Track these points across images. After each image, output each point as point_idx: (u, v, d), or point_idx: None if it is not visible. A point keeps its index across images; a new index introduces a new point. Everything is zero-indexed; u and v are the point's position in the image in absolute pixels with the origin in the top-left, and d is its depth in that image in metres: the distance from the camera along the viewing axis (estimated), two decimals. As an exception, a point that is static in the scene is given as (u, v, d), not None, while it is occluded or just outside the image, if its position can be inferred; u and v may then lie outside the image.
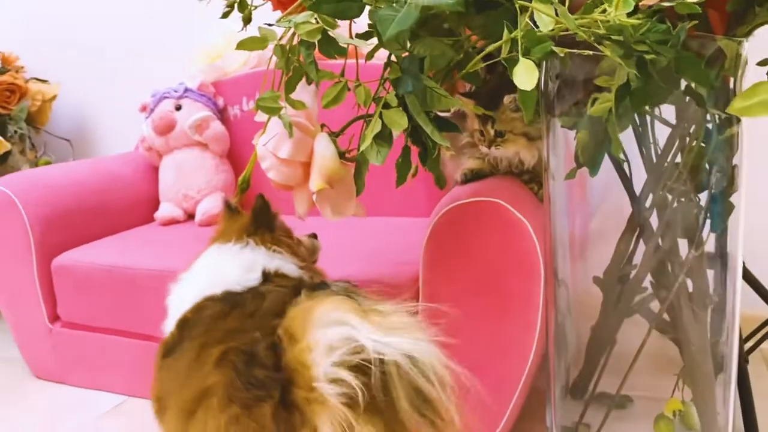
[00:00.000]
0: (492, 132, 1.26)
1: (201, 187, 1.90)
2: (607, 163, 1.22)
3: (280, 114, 1.04)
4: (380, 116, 1.02)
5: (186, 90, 1.96)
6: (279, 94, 1.06)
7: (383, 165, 1.14)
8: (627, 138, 1.15)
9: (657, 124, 1.20)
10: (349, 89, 1.05)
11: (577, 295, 1.36)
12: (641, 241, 1.26)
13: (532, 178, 1.29)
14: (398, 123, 1.00)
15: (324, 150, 1.08)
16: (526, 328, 1.20)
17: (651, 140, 1.20)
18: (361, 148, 1.03)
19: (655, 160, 1.21)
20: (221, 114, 2.01)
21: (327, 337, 0.80)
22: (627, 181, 1.25)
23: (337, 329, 0.82)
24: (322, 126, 1.14)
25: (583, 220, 1.34)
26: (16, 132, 2.19)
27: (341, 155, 1.12)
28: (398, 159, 1.07)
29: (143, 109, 2.02)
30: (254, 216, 1.12)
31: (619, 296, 1.31)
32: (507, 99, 1.22)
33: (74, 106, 2.45)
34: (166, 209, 1.92)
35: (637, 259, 1.28)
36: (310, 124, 1.12)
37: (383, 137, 1.04)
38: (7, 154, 2.11)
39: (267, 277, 1.05)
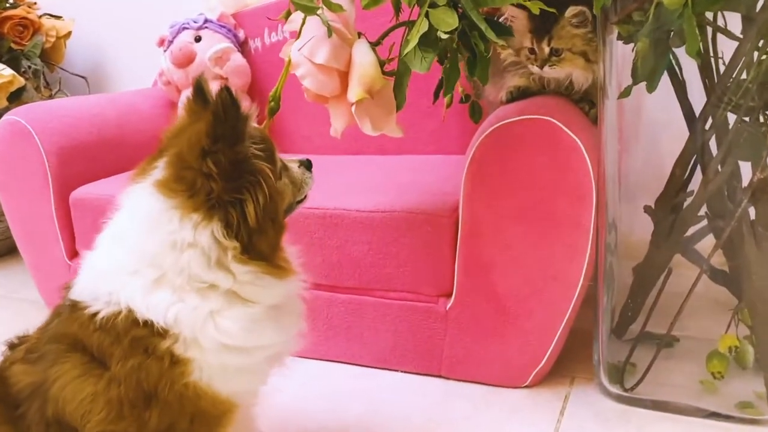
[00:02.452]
0: (547, 50, 1.16)
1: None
2: (663, 83, 1.13)
3: (318, 13, 0.95)
4: (426, 15, 0.93)
5: (206, 21, 1.87)
6: (316, -6, 0.97)
7: (411, 101, 1.05)
8: (684, 57, 1.06)
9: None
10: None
11: (626, 231, 1.29)
12: (699, 166, 1.18)
13: (583, 98, 1.20)
14: (446, 22, 0.92)
15: (363, 57, 0.99)
16: (574, 257, 1.13)
17: (713, 55, 1.11)
18: (404, 52, 0.94)
19: (716, 80, 1.12)
20: (242, 47, 1.92)
21: None
22: (685, 100, 1.16)
23: None
24: (360, 34, 1.05)
25: (635, 143, 1.25)
26: (30, 68, 2.11)
27: (381, 65, 1.04)
28: (445, 64, 0.99)
29: (161, 42, 1.93)
30: (214, 121, 0.74)
31: (672, 225, 1.24)
32: (571, 11, 1.11)
33: (89, 43, 2.37)
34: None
35: (693, 186, 1.21)
36: (347, 30, 1.03)
37: (428, 42, 0.96)
38: (22, 90, 2.03)
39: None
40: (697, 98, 1.15)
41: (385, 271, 1.29)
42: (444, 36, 0.91)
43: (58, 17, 2.29)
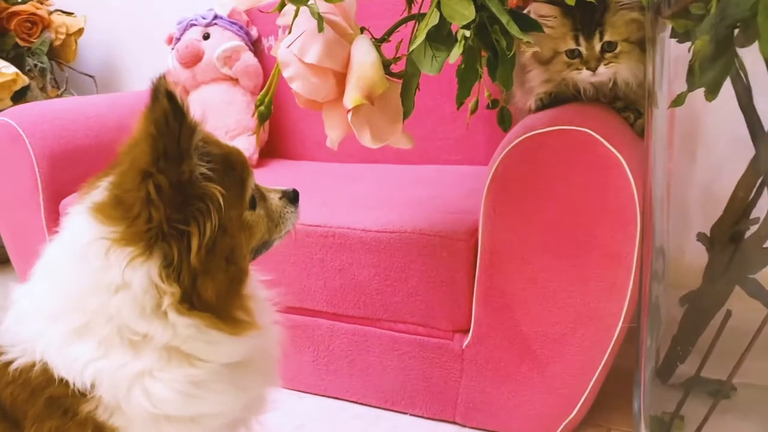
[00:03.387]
0: (598, 47, 0.98)
1: (230, 126, 1.69)
2: (725, 90, 0.95)
3: (309, 4, 0.80)
4: (438, 6, 0.77)
5: (215, 17, 1.73)
6: (308, -19, 0.82)
7: (435, 104, 0.89)
8: (752, 58, 0.89)
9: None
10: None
11: (671, 256, 1.11)
12: (766, 188, 1.00)
13: (627, 106, 1.02)
14: (461, 14, 0.75)
15: (363, 56, 0.84)
16: (613, 294, 0.96)
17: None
18: (411, 48, 0.79)
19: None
20: (254, 46, 1.78)
21: None
22: (751, 111, 0.98)
23: None
24: (362, 29, 0.90)
25: (689, 160, 1.07)
26: (36, 66, 2.01)
27: (386, 66, 0.88)
28: (460, 65, 0.82)
29: (170, 40, 1.81)
30: (156, 134, 0.60)
31: (730, 259, 1.06)
32: None
33: (101, 41, 2.26)
34: (191, 151, 1.72)
35: (758, 212, 1.02)
36: (347, 24, 0.88)
37: (440, 38, 0.80)
38: (26, 89, 1.93)
39: None
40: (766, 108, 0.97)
41: (393, 299, 1.13)
42: (466, 32, 0.75)
43: (69, 14, 2.19)
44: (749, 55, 0.86)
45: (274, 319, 0.79)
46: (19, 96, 1.93)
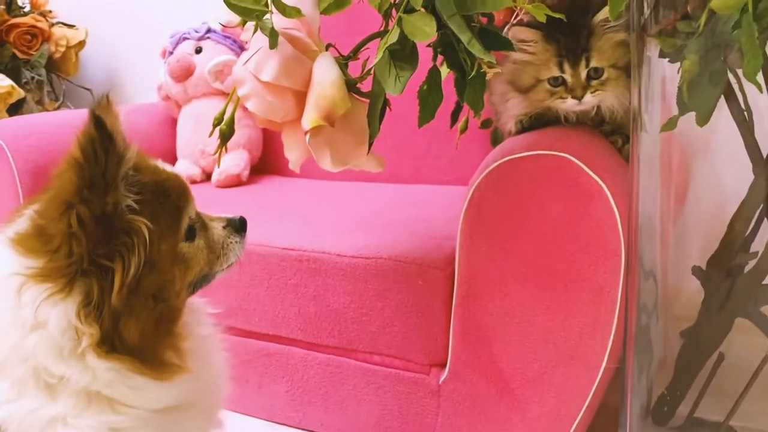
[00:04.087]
0: (584, 73, 0.92)
1: (217, 143, 1.64)
2: (719, 112, 0.89)
3: (261, 19, 0.75)
4: (400, 23, 0.72)
5: (208, 30, 1.70)
6: (264, -7, 0.77)
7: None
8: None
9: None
10: (359, -12, 0.76)
11: (668, 289, 1.04)
12: (766, 220, 0.93)
13: (615, 129, 0.96)
14: (422, 31, 0.70)
15: (324, 74, 0.78)
16: (596, 331, 0.89)
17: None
18: (372, 66, 0.74)
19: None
20: (246, 61, 1.75)
21: None
22: (749, 136, 0.91)
23: None
24: (328, 46, 0.85)
25: (681, 188, 1.00)
26: (33, 78, 1.99)
27: (352, 85, 0.83)
28: (422, 86, 0.77)
29: (163, 53, 1.78)
30: (82, 161, 0.57)
31: (727, 294, 0.98)
32: (606, 12, 0.87)
33: (101, 54, 2.25)
34: (182, 167, 1.68)
35: (757, 245, 0.95)
36: (311, 40, 0.83)
37: (404, 55, 0.74)
38: (22, 102, 1.92)
39: None
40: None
41: (369, 329, 1.07)
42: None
43: (71, 26, 2.18)
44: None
45: (220, 358, 0.74)
46: (15, 109, 1.92)
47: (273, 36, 0.75)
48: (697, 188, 1.01)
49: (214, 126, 0.88)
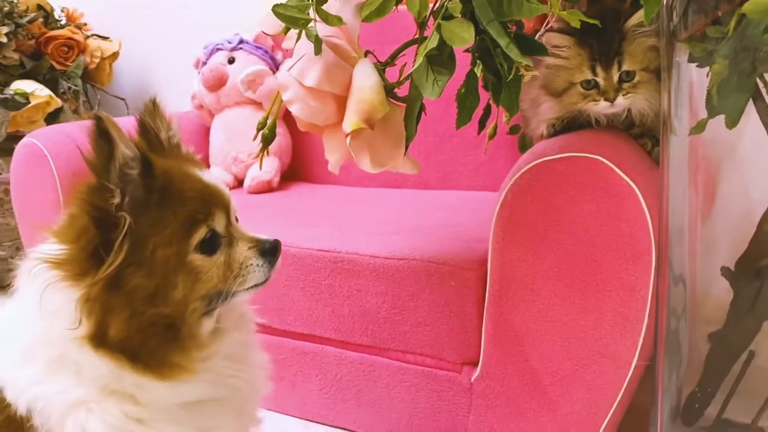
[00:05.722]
0: (616, 77, 0.94)
1: (252, 150, 1.69)
2: (747, 116, 0.91)
3: (306, 27, 0.79)
4: (438, 29, 0.75)
5: (241, 41, 1.75)
6: (308, 3, 0.81)
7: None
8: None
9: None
10: (399, -3, 0.80)
11: (697, 293, 1.05)
12: (795, 221, 0.94)
13: (644, 132, 0.98)
14: (461, 37, 0.73)
15: (364, 80, 0.82)
16: (627, 329, 0.91)
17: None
18: (411, 72, 0.77)
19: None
20: (279, 70, 1.79)
21: None
22: (779, 139, 0.92)
23: None
24: (367, 53, 0.88)
25: (710, 191, 1.02)
26: (69, 89, 2.06)
27: (389, 90, 0.86)
28: (460, 89, 0.80)
29: (197, 64, 1.83)
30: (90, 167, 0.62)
31: (757, 295, 0.99)
32: (639, 16, 0.89)
33: (134, 64, 2.32)
34: (214, 174, 1.72)
35: (787, 246, 0.96)
36: (350, 48, 0.86)
37: (441, 61, 0.78)
38: (59, 111, 1.98)
39: None
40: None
41: (401, 328, 1.10)
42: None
43: (105, 38, 2.24)
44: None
45: (259, 359, 0.77)
46: (53, 118, 1.98)
47: (317, 43, 0.78)
48: (726, 191, 1.03)
49: (258, 130, 0.91)
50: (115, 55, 2.24)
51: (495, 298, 0.98)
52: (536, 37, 0.96)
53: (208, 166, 1.79)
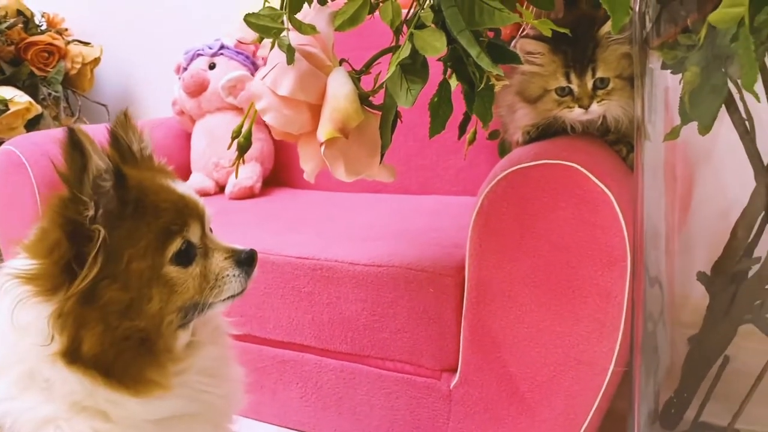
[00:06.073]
0: (590, 83, 0.95)
1: (234, 155, 1.68)
2: (721, 121, 0.91)
3: (279, 36, 0.79)
4: (411, 39, 0.75)
5: (222, 47, 1.75)
6: (281, 12, 0.81)
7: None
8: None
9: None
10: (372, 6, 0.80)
11: (674, 296, 1.06)
12: (768, 226, 0.95)
13: (619, 139, 0.98)
14: (433, 46, 0.74)
15: (338, 88, 0.82)
16: (603, 336, 0.91)
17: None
18: (385, 80, 0.77)
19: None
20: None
21: None
22: (750, 144, 0.93)
23: None
24: (342, 61, 0.88)
25: (685, 196, 1.03)
26: (50, 95, 2.04)
27: (364, 98, 0.86)
28: (433, 97, 0.80)
29: (177, 69, 1.83)
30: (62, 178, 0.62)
31: (732, 299, 1.00)
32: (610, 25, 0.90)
33: (116, 70, 2.30)
34: (195, 180, 1.72)
35: (761, 250, 0.97)
36: (325, 56, 0.86)
37: (415, 69, 0.78)
38: (39, 117, 1.97)
39: None
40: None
41: (380, 335, 1.10)
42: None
43: (86, 44, 2.23)
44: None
45: (234, 373, 0.77)
46: (33, 124, 1.97)
47: (290, 52, 0.78)
48: (701, 196, 1.04)
49: (233, 139, 0.91)
50: (96, 61, 2.22)
51: (473, 304, 0.98)
52: (512, 43, 0.97)
53: (190, 172, 1.78)
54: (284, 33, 0.80)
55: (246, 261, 0.73)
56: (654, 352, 1.01)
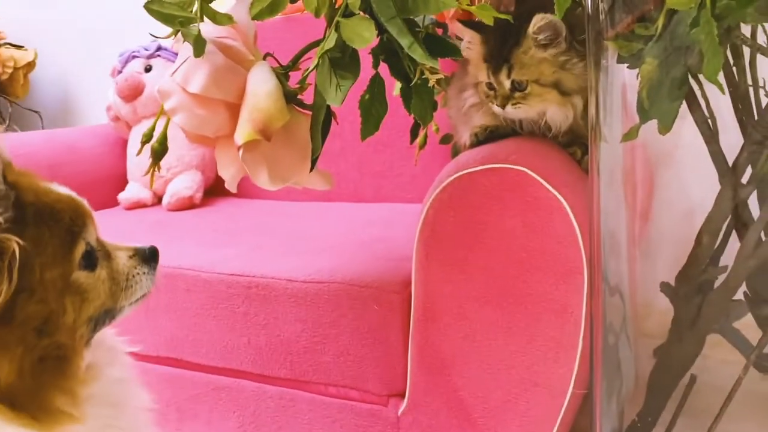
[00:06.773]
0: (507, 84, 0.88)
1: (171, 164, 1.58)
2: (683, 120, 0.85)
3: (186, 26, 0.69)
4: (337, 28, 0.67)
5: (158, 48, 1.64)
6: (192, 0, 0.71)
7: (390, 139, 0.79)
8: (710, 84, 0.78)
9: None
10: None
11: (637, 306, 0.99)
12: (734, 232, 0.88)
13: (573, 140, 0.91)
14: (361, 36, 0.65)
15: (259, 85, 0.73)
16: (560, 355, 0.83)
17: (751, 83, 0.82)
18: (307, 73, 0.68)
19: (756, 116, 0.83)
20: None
21: None
22: (714, 144, 0.87)
23: None
24: (266, 56, 0.79)
25: (646, 200, 0.96)
26: (-24, 101, 1.91)
27: (292, 97, 0.77)
28: (363, 95, 0.71)
29: (113, 73, 1.71)
30: None
31: (698, 310, 0.94)
32: (535, 23, 0.83)
33: (53, 76, 2.17)
34: (131, 190, 1.61)
35: (727, 259, 0.91)
36: (246, 49, 0.77)
37: (344, 63, 0.69)
38: (-38, 126, 1.83)
39: None
40: (733, 140, 0.86)
41: (322, 359, 1.00)
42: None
43: (19, 47, 2.10)
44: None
45: (139, 401, 0.67)
46: (-44, 133, 1.83)
47: (198, 44, 0.69)
48: (663, 200, 0.97)
49: (143, 144, 0.81)
50: (30, 66, 2.09)
51: (420, 322, 0.90)
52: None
53: (126, 182, 1.66)
54: (194, 23, 0.70)
55: (152, 257, 0.71)
56: (616, 368, 0.94)
